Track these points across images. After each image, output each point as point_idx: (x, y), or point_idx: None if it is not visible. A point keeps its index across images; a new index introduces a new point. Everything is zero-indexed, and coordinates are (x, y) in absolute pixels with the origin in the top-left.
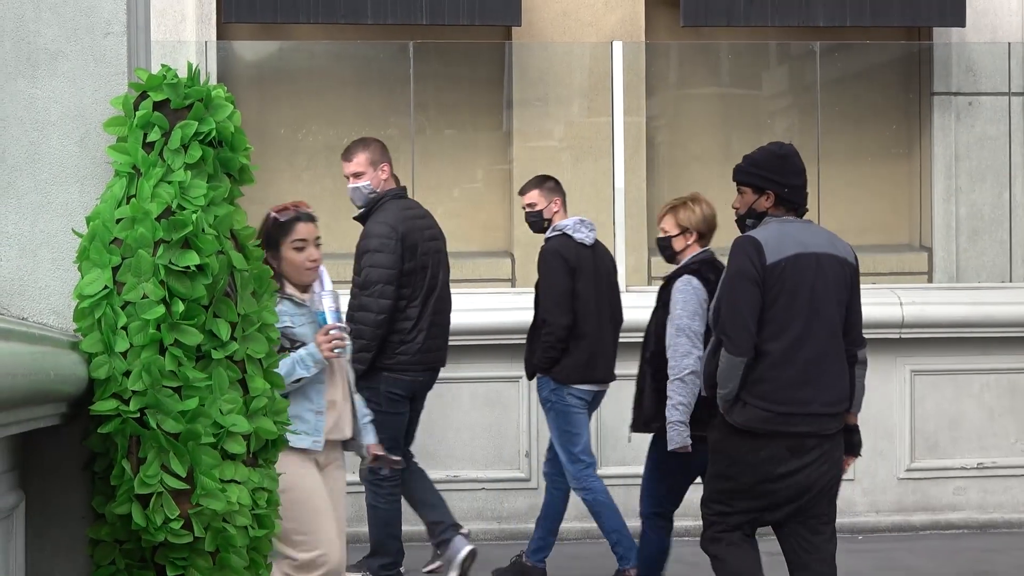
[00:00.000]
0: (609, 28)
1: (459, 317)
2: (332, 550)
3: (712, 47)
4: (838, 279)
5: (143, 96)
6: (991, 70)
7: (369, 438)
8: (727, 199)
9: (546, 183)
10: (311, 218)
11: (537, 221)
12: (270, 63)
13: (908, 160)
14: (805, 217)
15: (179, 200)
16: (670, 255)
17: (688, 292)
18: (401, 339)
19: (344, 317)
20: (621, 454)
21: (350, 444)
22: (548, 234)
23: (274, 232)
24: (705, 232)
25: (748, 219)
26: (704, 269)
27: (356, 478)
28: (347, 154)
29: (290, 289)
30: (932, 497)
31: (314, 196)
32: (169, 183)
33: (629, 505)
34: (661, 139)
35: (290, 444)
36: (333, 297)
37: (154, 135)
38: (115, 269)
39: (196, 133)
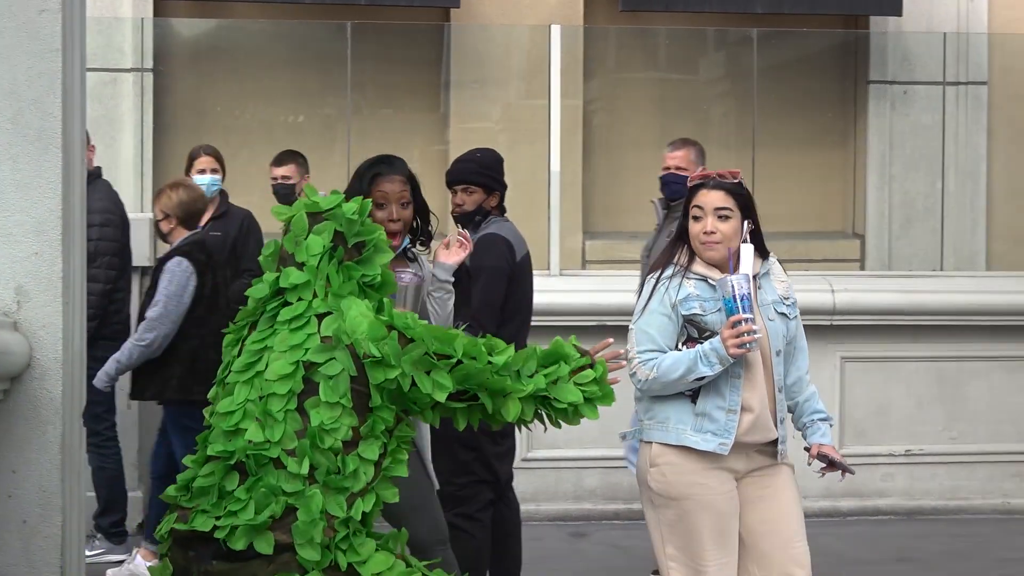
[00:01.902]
0: (547, 11)
1: None
2: None
3: (650, 32)
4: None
5: (318, 217)
6: (926, 59)
7: (816, 436)
8: None
9: (298, 158)
10: (719, 186)
11: (288, 194)
12: (207, 40)
13: (843, 148)
14: None
15: None
16: (163, 236)
17: (176, 272)
18: (117, 308)
19: (754, 305)
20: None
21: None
22: None
23: (685, 203)
24: (184, 217)
25: (477, 216)
26: (195, 251)
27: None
28: None
29: (700, 267)
30: (860, 483)
31: (250, 175)
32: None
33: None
34: (598, 123)
35: (693, 446)
36: (744, 280)
37: (331, 269)
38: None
39: (363, 276)
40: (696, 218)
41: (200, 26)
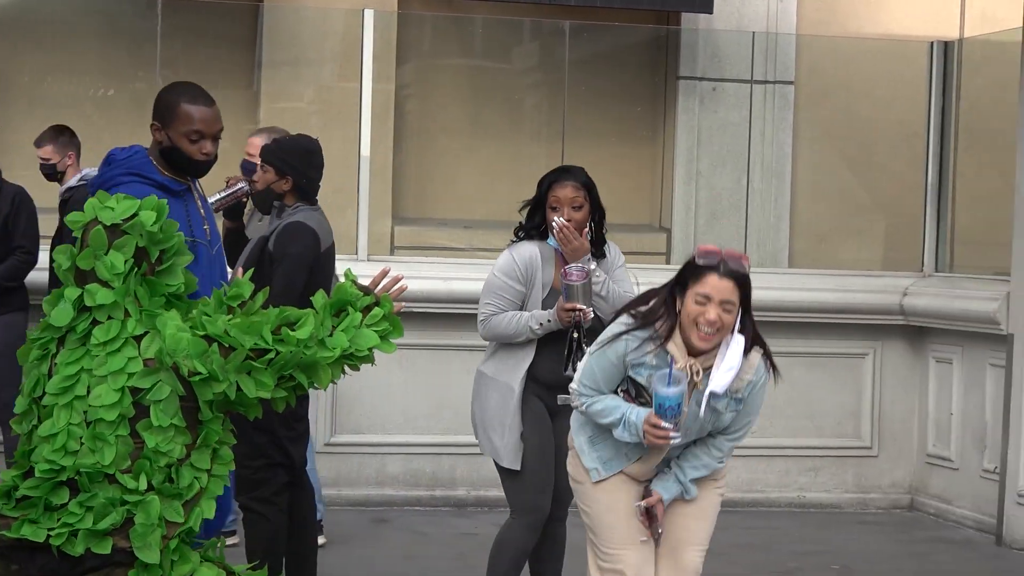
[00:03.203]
0: None
1: None
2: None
3: (464, 20)
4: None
5: (118, 231)
6: (735, 58)
7: (660, 485)
8: (474, 170)
9: (60, 136)
10: (731, 275)
11: (51, 173)
12: (14, 11)
13: (652, 142)
14: None
15: None
16: None
17: None
18: None
19: (681, 410)
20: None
21: None
22: (72, 183)
23: (686, 272)
24: None
25: (275, 201)
26: None
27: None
28: None
29: (675, 347)
30: None
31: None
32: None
33: None
34: (410, 108)
35: (578, 455)
36: (680, 397)
37: (137, 286)
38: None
39: (167, 286)
40: (699, 303)
41: None
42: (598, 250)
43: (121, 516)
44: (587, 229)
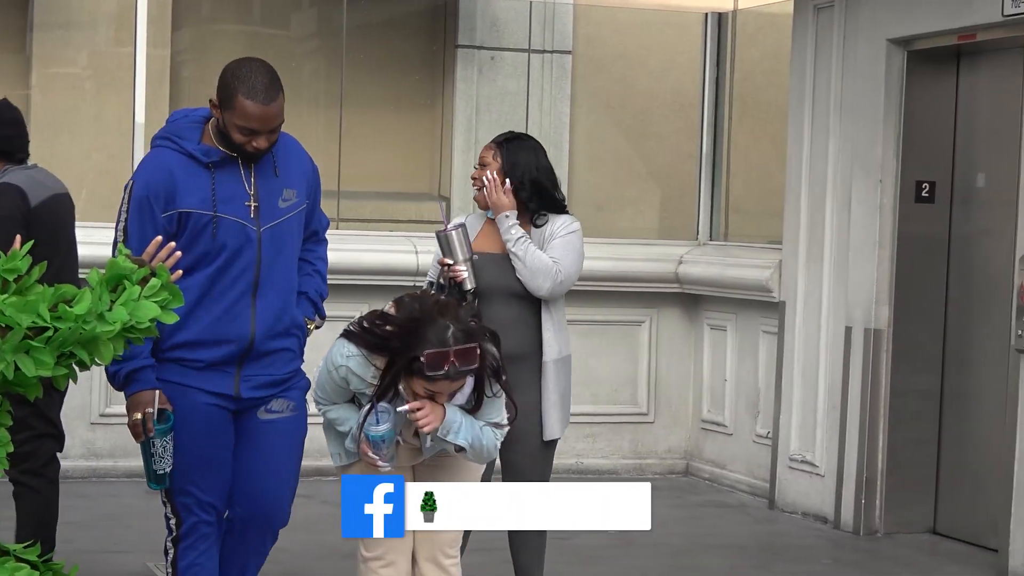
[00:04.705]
0: None
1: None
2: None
3: None
4: (73, 215)
5: None
6: (514, 27)
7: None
8: None
9: None
10: (461, 375)
11: None
12: None
13: (430, 110)
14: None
15: None
16: None
17: None
18: None
19: (389, 443)
20: None
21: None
22: None
23: (412, 363)
24: None
25: None
26: None
27: None
28: None
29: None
30: None
31: None
32: None
33: None
34: (186, 74)
35: None
36: (387, 434)
37: None
38: None
39: None
40: (428, 392)
41: None
42: (531, 212)
43: None
44: (500, 183)
